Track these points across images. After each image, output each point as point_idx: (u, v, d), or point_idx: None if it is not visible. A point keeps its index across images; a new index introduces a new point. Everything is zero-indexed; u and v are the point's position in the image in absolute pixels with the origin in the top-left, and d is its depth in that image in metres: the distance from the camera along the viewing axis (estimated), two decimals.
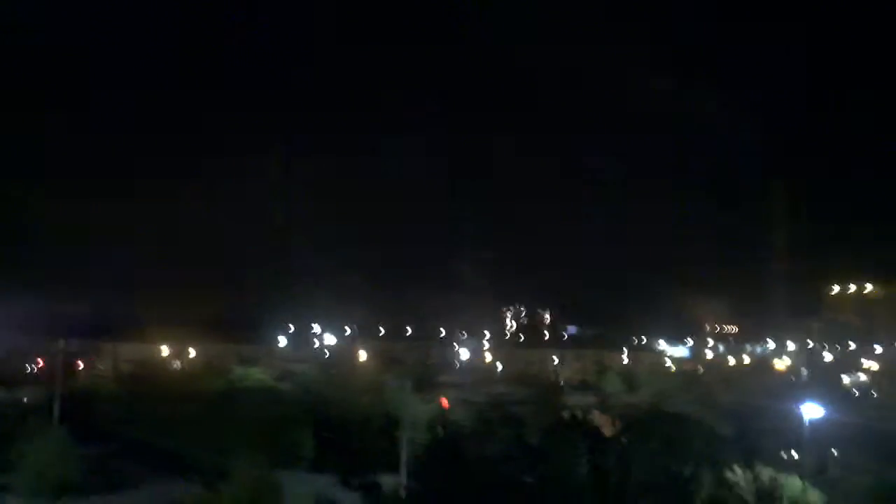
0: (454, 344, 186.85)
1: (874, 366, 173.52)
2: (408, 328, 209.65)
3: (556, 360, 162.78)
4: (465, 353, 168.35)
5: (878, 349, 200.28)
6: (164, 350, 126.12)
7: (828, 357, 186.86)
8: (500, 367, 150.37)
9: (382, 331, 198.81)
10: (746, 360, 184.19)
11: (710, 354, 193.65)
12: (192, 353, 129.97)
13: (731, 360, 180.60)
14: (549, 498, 25.07)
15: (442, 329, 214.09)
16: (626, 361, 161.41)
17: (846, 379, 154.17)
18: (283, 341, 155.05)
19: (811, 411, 51.96)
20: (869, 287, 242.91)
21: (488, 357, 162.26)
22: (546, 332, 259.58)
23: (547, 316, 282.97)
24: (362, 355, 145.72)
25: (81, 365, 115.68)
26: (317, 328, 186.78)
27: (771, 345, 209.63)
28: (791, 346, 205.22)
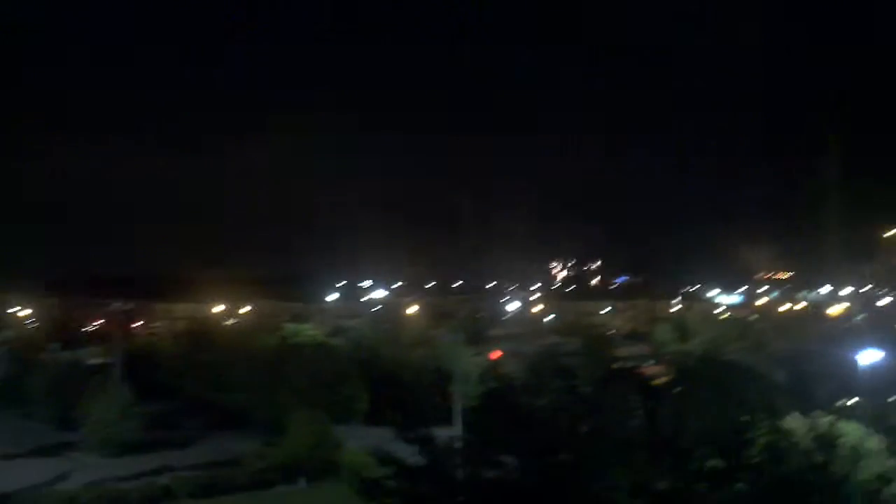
0: (504, 296, 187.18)
1: None
2: (457, 281, 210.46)
3: (607, 310, 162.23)
4: (514, 305, 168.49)
5: None
6: (218, 308, 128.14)
7: (884, 301, 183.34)
8: (549, 318, 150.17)
9: (432, 284, 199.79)
10: (800, 305, 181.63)
11: (763, 301, 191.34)
12: (245, 310, 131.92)
13: (785, 306, 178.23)
14: (602, 449, 25.06)
15: (491, 281, 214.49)
16: (677, 310, 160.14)
17: None
18: (333, 297, 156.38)
19: (868, 356, 51.27)
20: None
21: (538, 308, 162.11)
22: (596, 282, 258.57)
23: (596, 266, 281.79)
24: (412, 309, 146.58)
25: (139, 324, 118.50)
26: (367, 283, 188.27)
27: (825, 289, 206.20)
28: (846, 290, 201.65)
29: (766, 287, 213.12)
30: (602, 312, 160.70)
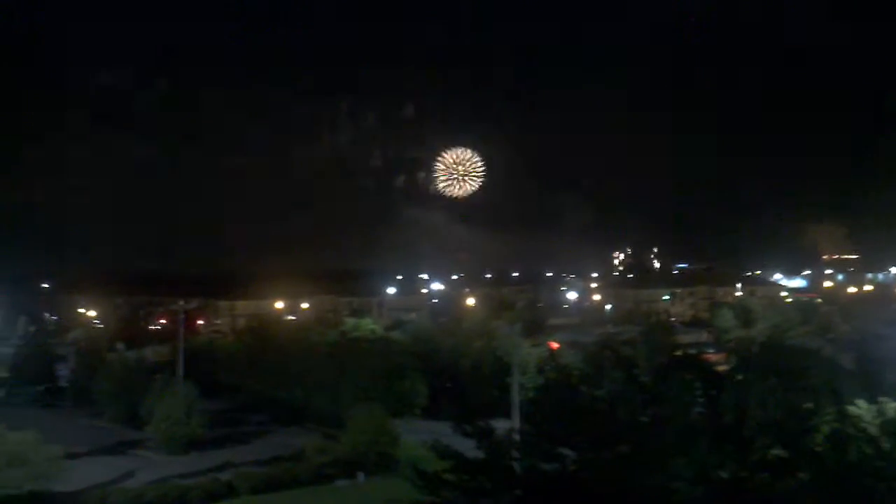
0: (563, 285, 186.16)
1: None
2: (515, 272, 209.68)
3: (667, 298, 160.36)
4: (573, 295, 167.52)
5: None
6: (278, 304, 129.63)
7: None
8: (608, 306, 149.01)
9: (490, 275, 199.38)
10: (868, 287, 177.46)
11: (828, 284, 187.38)
12: (306, 306, 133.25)
13: (852, 289, 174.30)
14: (662, 439, 24.71)
15: (549, 271, 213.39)
16: (739, 295, 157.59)
17: None
18: (392, 290, 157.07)
19: None
20: None
21: (597, 297, 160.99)
22: (656, 269, 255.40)
23: (656, 253, 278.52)
24: (470, 301, 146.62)
25: (202, 322, 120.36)
26: (425, 276, 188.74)
27: (894, 271, 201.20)
28: None
29: (831, 269, 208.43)
30: (662, 300, 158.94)
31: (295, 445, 54.60)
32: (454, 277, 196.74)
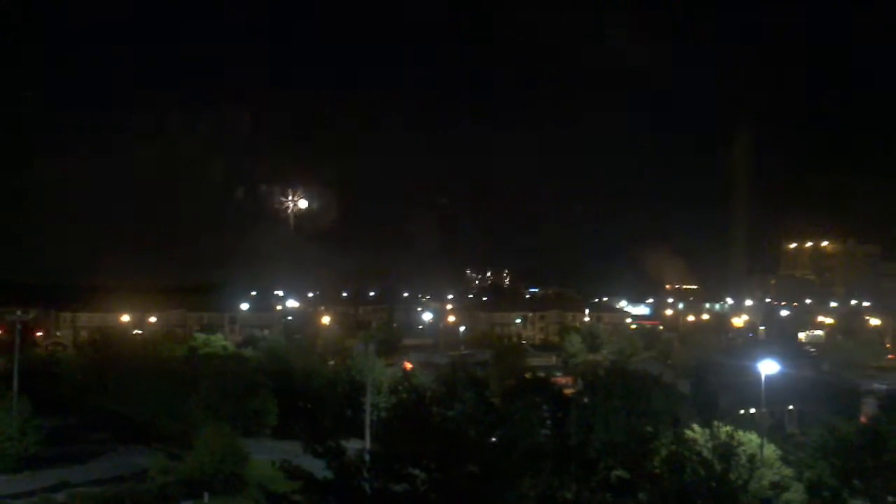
0: (418, 306, 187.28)
1: (830, 321, 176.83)
2: (371, 291, 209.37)
3: (519, 321, 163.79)
4: (428, 316, 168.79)
5: (834, 304, 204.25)
6: (125, 317, 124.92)
7: (785, 313, 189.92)
8: (463, 328, 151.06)
9: (346, 294, 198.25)
10: (705, 317, 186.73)
11: (669, 312, 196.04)
12: (153, 319, 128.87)
13: (691, 318, 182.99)
14: (510, 459, 25.33)
15: (405, 292, 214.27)
16: (587, 320, 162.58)
17: (802, 335, 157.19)
18: (245, 306, 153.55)
19: (768, 368, 52.95)
20: (825, 243, 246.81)
21: (452, 319, 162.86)
22: (509, 292, 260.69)
23: (510, 276, 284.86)
24: (326, 319, 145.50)
25: (40, 334, 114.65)
26: (280, 292, 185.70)
27: (729, 301, 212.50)
28: (749, 302, 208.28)
29: (672, 298, 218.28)
30: (515, 322, 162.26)
31: (137, 465, 52.52)
32: (310, 295, 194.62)
